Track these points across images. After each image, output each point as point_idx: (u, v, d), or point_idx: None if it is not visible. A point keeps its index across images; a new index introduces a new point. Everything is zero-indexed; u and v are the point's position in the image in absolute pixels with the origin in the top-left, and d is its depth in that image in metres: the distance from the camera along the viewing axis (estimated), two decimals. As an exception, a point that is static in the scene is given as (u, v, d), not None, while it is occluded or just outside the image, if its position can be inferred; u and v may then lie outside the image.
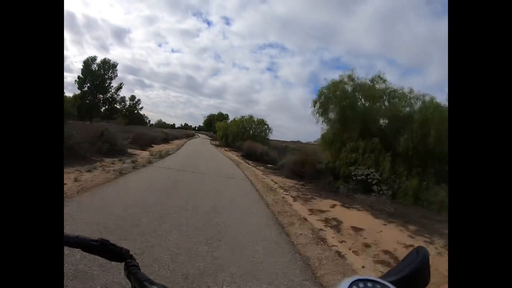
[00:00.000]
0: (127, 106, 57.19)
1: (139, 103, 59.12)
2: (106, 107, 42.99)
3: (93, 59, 41.23)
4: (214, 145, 31.04)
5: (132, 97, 58.44)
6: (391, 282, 0.32)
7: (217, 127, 35.90)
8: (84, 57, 40.08)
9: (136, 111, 59.66)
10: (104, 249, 0.52)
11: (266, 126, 29.11)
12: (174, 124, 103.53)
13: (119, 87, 43.85)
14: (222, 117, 55.02)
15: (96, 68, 40.60)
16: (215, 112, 67.36)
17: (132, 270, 0.50)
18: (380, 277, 0.34)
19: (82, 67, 40.38)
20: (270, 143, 25.61)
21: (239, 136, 26.77)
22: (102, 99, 41.51)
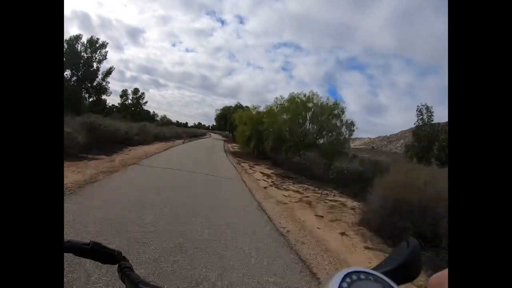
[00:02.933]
0: (129, 101, 49.71)
1: (143, 97, 51.10)
2: (94, 98, 34.12)
3: (77, 37, 31.88)
4: (231, 153, 17.07)
5: (136, 90, 51.33)
6: (383, 273, 0.32)
7: (236, 120, 19.27)
8: (100, 58, 32.58)
9: (139, 106, 51.27)
10: (96, 252, 0.51)
11: (342, 119, 12.66)
12: (187, 123, 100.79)
13: (109, 72, 33.59)
14: (241, 109, 40.48)
15: (82, 49, 31.63)
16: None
17: (125, 272, 0.49)
18: (372, 268, 0.34)
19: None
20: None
21: (297, 140, 12.20)
22: (89, 88, 32.54)
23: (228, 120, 37.68)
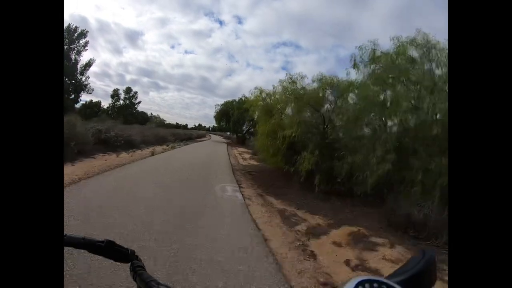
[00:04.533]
0: (120, 101, 43.12)
1: (136, 97, 44.23)
2: (72, 96, 27.41)
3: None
4: (247, 176, 7.84)
5: (128, 89, 44.57)
6: (397, 283, 0.32)
7: (253, 110, 8.93)
8: (99, 61, 29.88)
9: (133, 107, 44.39)
10: (110, 250, 0.51)
11: None
12: (186, 125, 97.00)
13: (88, 64, 26.49)
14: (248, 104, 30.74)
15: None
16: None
17: (137, 271, 0.49)
18: (386, 277, 0.33)
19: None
20: None
21: None
22: (69, 84, 26.01)
23: (232, 118, 28.69)
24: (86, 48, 24.52)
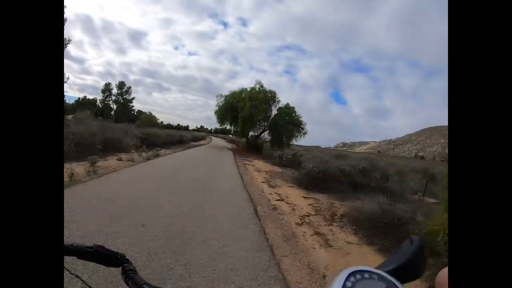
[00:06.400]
0: (112, 97, 39.01)
1: (130, 92, 40.09)
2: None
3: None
4: None
5: (121, 84, 40.20)
6: (387, 272, 0.32)
7: None
8: (103, 60, 22.54)
9: (128, 104, 38.94)
10: (99, 255, 0.50)
11: None
12: (188, 126, 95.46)
13: None
14: (263, 93, 22.09)
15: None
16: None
17: (129, 275, 0.48)
18: (376, 267, 0.34)
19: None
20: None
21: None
22: None
23: (240, 114, 19.26)
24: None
